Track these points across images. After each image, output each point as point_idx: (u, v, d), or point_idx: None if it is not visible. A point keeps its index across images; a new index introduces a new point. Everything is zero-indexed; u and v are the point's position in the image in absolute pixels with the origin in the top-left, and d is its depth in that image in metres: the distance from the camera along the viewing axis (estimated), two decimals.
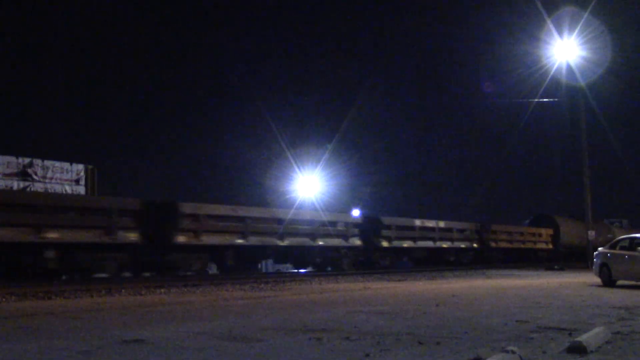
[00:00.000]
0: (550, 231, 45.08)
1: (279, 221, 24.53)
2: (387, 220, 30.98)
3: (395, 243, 31.09)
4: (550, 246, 45.03)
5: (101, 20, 76.73)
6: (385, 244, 30.42)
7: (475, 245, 37.46)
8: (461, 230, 36.46)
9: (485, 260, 37.26)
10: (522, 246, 42.04)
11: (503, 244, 39.90)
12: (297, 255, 26.55)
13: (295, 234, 25.27)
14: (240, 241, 23.07)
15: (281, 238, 24.56)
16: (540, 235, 44.38)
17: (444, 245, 34.56)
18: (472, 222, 38.03)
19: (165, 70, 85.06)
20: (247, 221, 23.20)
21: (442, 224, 34.75)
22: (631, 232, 47.48)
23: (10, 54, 68.39)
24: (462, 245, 36.29)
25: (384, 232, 30.35)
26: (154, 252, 20.91)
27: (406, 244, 31.90)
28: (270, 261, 29.32)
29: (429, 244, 33.29)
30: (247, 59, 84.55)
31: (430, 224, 33.81)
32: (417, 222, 33.03)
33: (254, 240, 23.48)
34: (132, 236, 20.04)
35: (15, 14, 69.97)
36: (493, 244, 38.77)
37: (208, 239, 21.89)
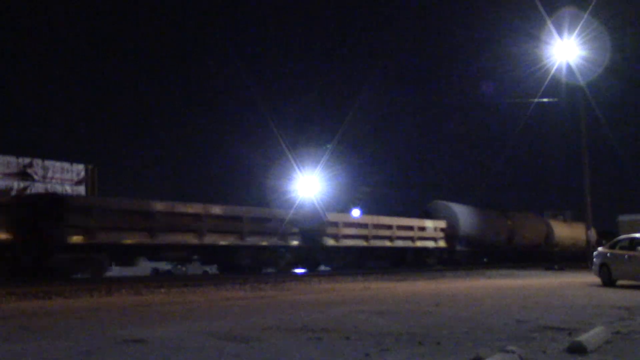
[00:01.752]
0: (443, 224, 34.17)
1: None
2: (84, 200, 19.97)
3: (104, 237, 19.42)
4: (443, 244, 34.14)
5: (102, 20, 76.80)
6: (77, 238, 18.92)
7: (295, 242, 26.10)
8: (261, 220, 24.56)
9: (315, 264, 28.05)
10: (389, 244, 30.80)
11: (351, 242, 28.87)
12: None
13: None
14: None
15: None
16: (423, 229, 32.88)
17: (222, 243, 23.03)
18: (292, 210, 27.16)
19: (166, 70, 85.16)
20: None
21: (218, 210, 23.01)
22: (573, 224, 46.77)
23: (10, 54, 68.43)
24: (264, 243, 24.70)
25: (76, 221, 18.84)
26: None
27: (131, 239, 20.35)
28: None
29: (189, 239, 21.98)
30: (247, 59, 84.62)
31: (194, 209, 22.17)
32: (160, 206, 21.11)
33: None
34: None
35: (15, 13, 70.00)
36: (331, 242, 27.84)
37: None
